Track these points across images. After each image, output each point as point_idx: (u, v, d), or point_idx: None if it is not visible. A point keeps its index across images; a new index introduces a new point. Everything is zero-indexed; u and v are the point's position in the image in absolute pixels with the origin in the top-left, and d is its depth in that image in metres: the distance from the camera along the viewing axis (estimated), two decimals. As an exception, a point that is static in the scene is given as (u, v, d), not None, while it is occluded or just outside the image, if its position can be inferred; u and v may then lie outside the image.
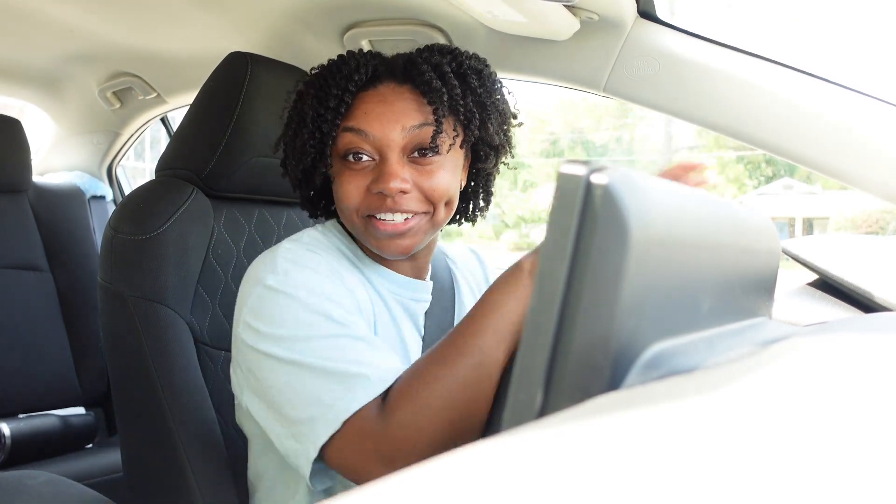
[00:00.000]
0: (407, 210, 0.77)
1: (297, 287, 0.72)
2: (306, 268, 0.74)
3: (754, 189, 15.43)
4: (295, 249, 0.77)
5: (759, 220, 0.47)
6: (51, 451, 1.59)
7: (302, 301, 0.71)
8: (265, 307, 0.72)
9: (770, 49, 0.98)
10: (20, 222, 1.76)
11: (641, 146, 17.56)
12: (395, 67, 0.80)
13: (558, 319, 0.28)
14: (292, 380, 0.68)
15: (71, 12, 1.37)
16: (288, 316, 0.70)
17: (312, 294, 0.72)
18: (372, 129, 0.77)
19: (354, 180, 0.78)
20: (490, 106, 0.81)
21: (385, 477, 0.19)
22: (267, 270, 0.75)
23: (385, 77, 0.80)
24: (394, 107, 0.77)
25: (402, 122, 0.77)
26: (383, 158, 0.77)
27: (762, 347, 0.38)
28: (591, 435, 0.21)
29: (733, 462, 0.19)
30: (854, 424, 0.23)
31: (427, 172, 0.78)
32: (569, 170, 0.29)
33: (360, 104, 0.78)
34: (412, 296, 0.86)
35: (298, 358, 0.68)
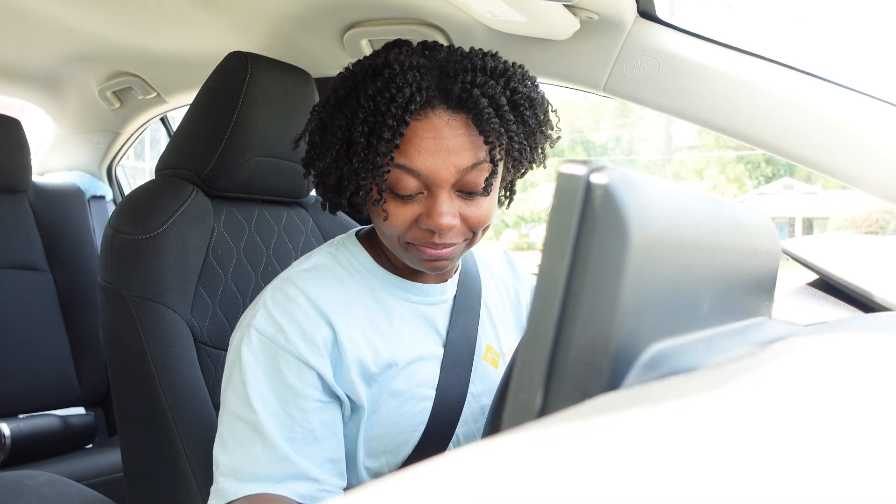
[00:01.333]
0: (451, 243, 0.77)
1: (250, 347, 0.76)
2: (273, 321, 0.76)
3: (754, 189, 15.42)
4: (280, 290, 0.79)
5: (759, 220, 0.47)
6: (51, 451, 1.59)
7: (244, 368, 0.75)
8: (231, 353, 0.78)
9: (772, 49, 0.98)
10: (20, 222, 1.76)
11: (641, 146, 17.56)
12: (449, 94, 0.73)
13: (558, 319, 0.28)
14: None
15: (71, 12, 1.37)
16: (231, 375, 0.76)
17: (259, 358, 0.75)
18: (425, 168, 0.73)
19: (401, 212, 0.75)
20: (539, 134, 0.80)
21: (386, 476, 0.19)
22: (251, 309, 0.80)
23: (437, 101, 0.73)
24: (448, 143, 0.73)
25: (455, 161, 0.73)
26: (433, 195, 0.74)
27: (762, 347, 0.38)
28: (591, 435, 0.21)
29: (733, 462, 0.19)
30: (854, 424, 0.23)
31: (475, 205, 0.77)
32: (568, 169, 0.29)
33: (414, 137, 0.73)
34: (429, 300, 0.86)
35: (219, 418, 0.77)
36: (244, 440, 0.73)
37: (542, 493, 0.17)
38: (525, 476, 0.18)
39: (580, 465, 0.19)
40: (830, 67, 17.92)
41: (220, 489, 0.72)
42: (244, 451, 0.72)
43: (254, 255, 1.09)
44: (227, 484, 0.72)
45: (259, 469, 0.71)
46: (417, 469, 0.19)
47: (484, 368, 0.88)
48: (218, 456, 0.74)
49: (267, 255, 1.11)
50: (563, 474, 0.18)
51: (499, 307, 0.95)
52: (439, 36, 1.19)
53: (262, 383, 0.74)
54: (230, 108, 1.03)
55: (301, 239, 1.17)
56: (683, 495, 0.17)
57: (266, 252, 1.11)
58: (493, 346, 0.90)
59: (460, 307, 0.88)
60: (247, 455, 0.72)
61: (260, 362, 0.75)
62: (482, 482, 0.18)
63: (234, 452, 0.73)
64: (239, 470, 0.72)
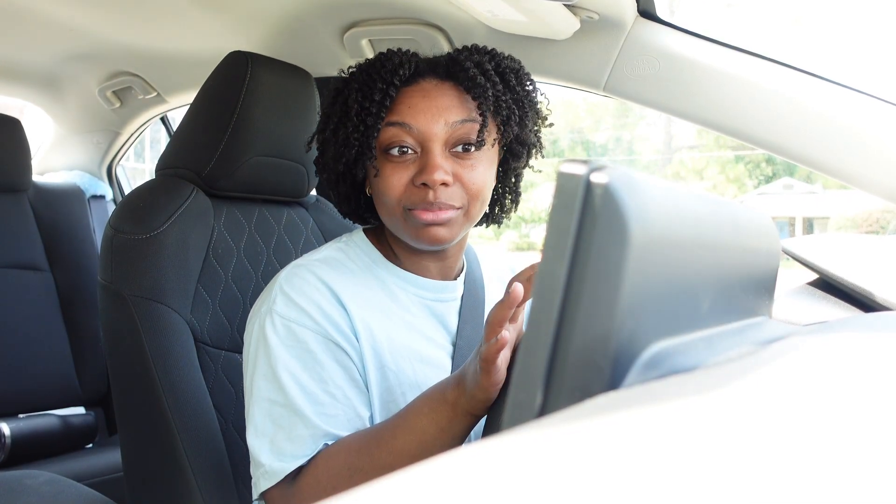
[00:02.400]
0: (447, 205, 0.79)
1: (275, 331, 0.77)
2: (293, 304, 0.77)
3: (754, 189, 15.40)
4: (295, 275, 0.80)
5: (759, 220, 0.47)
6: (51, 450, 1.59)
7: (271, 352, 0.76)
8: (251, 340, 0.79)
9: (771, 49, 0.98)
10: (20, 222, 1.76)
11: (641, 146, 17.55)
12: (437, 65, 0.82)
13: (558, 319, 0.28)
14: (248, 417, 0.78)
15: (71, 12, 1.37)
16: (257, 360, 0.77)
17: (285, 342, 0.76)
18: (416, 123, 0.78)
19: (397, 173, 0.79)
20: (527, 104, 0.84)
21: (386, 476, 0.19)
22: (265, 297, 0.80)
23: (427, 73, 0.81)
24: (437, 101, 0.79)
25: (445, 116, 0.79)
26: (426, 151, 0.79)
27: (762, 347, 0.38)
28: (591, 435, 0.21)
29: (733, 461, 0.19)
30: (854, 424, 0.23)
31: (468, 166, 0.80)
32: (569, 169, 0.29)
33: (404, 98, 0.80)
34: (438, 297, 0.87)
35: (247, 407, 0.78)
36: (284, 423, 0.74)
37: (543, 493, 0.17)
38: (525, 476, 0.18)
39: (580, 464, 0.19)
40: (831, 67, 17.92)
41: (270, 471, 0.73)
42: (287, 434, 0.74)
43: (254, 254, 1.09)
44: (279, 465, 0.73)
45: (304, 447, 0.74)
46: (418, 469, 0.19)
47: None
48: (255, 442, 0.75)
49: (267, 255, 1.11)
50: (563, 474, 0.18)
51: None
52: (439, 36, 1.19)
53: (294, 365, 0.75)
54: (230, 108, 1.03)
55: (301, 239, 1.17)
56: (684, 495, 0.17)
57: (266, 252, 1.11)
58: None
59: (468, 304, 0.89)
60: (290, 437, 0.74)
61: (288, 346, 0.76)
62: (482, 482, 0.18)
63: (277, 435, 0.74)
64: (283, 451, 0.73)
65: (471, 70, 0.79)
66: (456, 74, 0.81)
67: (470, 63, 0.80)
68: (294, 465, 0.73)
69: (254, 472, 0.76)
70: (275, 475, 0.73)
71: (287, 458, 0.73)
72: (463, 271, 0.92)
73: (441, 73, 0.81)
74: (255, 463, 0.75)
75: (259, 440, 0.75)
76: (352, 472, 0.71)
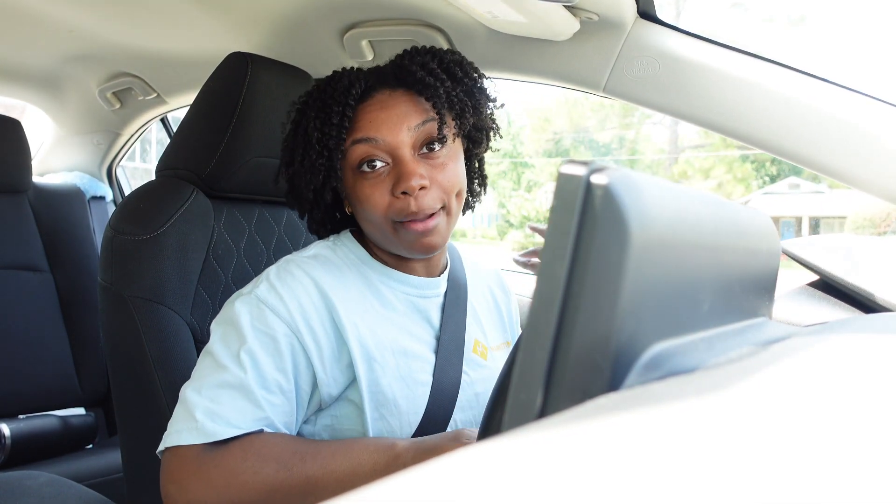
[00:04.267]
0: (431, 209, 0.80)
1: (248, 309, 0.78)
2: (275, 292, 0.79)
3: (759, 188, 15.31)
4: (287, 269, 0.82)
5: (759, 220, 0.47)
6: (51, 451, 1.59)
7: (241, 328, 0.77)
8: (225, 311, 0.81)
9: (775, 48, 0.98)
10: (20, 223, 1.76)
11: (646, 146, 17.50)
12: (385, 75, 0.84)
13: (558, 319, 0.28)
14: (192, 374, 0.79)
15: (71, 12, 1.37)
16: (225, 326, 0.78)
17: (257, 330, 0.77)
18: (381, 135, 0.80)
19: (377, 188, 0.81)
20: (477, 92, 0.86)
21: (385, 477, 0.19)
22: (252, 282, 0.82)
23: (378, 86, 0.83)
24: (396, 110, 0.81)
25: (406, 122, 0.81)
26: (397, 160, 0.80)
27: (762, 348, 0.38)
28: (591, 436, 0.21)
29: (734, 463, 0.19)
30: (855, 425, 0.23)
31: (439, 166, 0.82)
32: (569, 170, 0.29)
33: (363, 115, 0.81)
34: (423, 293, 0.89)
35: (197, 362, 0.79)
36: (230, 391, 0.74)
37: (543, 494, 0.17)
38: (525, 477, 0.18)
39: (580, 466, 0.19)
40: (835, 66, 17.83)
41: (201, 429, 0.73)
42: (230, 401, 0.74)
43: (254, 255, 1.09)
44: (212, 426, 0.73)
45: (243, 421, 0.74)
46: (418, 469, 0.19)
47: (474, 359, 0.91)
48: (194, 397, 0.75)
49: (267, 256, 1.11)
50: (564, 475, 0.18)
51: (483, 306, 0.99)
52: (439, 36, 1.19)
53: (257, 346, 0.76)
54: (230, 109, 1.03)
55: (301, 239, 1.17)
56: (684, 496, 0.17)
57: (266, 252, 1.11)
58: (480, 341, 0.94)
59: (451, 300, 0.91)
60: (233, 406, 0.74)
61: (256, 327, 0.77)
62: (483, 483, 0.18)
63: (221, 398, 0.74)
64: (222, 416, 0.73)
65: (418, 73, 0.81)
66: (405, 80, 0.83)
67: (415, 66, 0.82)
68: (230, 433, 0.73)
69: (177, 424, 0.74)
70: (205, 434, 0.72)
71: (221, 423, 0.73)
72: (447, 268, 0.94)
73: (391, 82, 0.84)
74: (186, 415, 0.74)
75: (199, 397, 0.74)
76: (279, 466, 0.71)
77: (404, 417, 0.81)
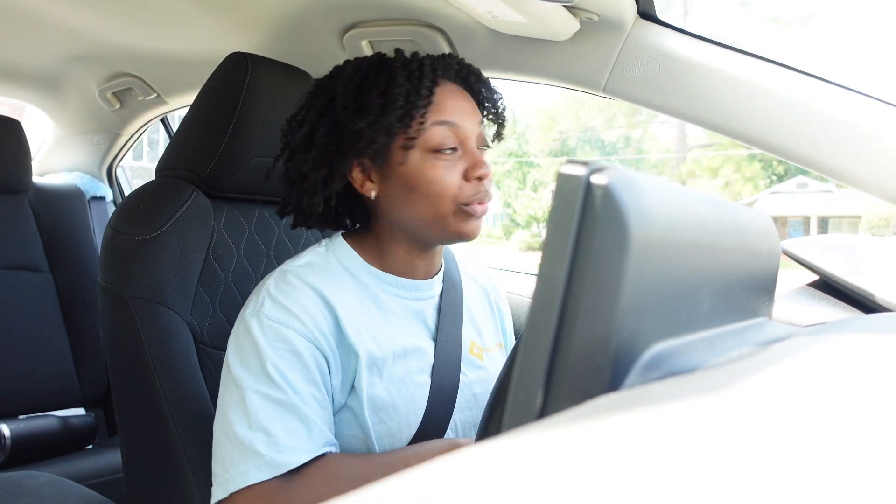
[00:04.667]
0: (489, 196, 0.85)
1: (265, 332, 0.77)
2: (285, 310, 0.78)
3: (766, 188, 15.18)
4: (285, 281, 0.81)
5: (759, 220, 0.47)
6: (51, 451, 1.59)
7: (260, 348, 0.76)
8: (240, 336, 0.79)
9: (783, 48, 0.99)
10: (20, 223, 1.76)
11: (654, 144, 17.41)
12: (448, 68, 0.87)
13: (558, 319, 0.28)
14: (220, 422, 0.77)
15: (71, 13, 1.37)
16: (245, 356, 0.77)
17: (275, 345, 0.76)
18: (462, 123, 0.83)
19: (450, 170, 0.82)
20: (502, 118, 0.93)
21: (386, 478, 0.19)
22: (256, 299, 0.81)
23: (443, 74, 0.86)
24: (469, 103, 0.86)
25: (476, 116, 0.85)
26: (468, 149, 0.83)
27: (762, 348, 0.38)
28: (592, 436, 0.21)
29: (734, 463, 0.19)
30: (855, 425, 0.23)
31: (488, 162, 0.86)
32: (569, 170, 0.29)
33: (443, 98, 0.83)
34: (417, 296, 0.89)
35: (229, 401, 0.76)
36: (279, 416, 0.74)
37: (543, 494, 0.17)
38: (525, 477, 0.18)
39: (580, 466, 0.19)
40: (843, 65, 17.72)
41: (270, 462, 0.72)
42: (284, 427, 0.73)
43: (254, 255, 1.09)
44: (281, 457, 0.72)
45: (305, 443, 0.74)
46: (418, 469, 0.19)
47: (471, 360, 0.91)
48: (249, 434, 0.73)
49: (267, 256, 1.11)
50: (564, 475, 0.18)
51: (478, 307, 0.99)
52: (439, 36, 1.19)
53: (283, 365, 0.75)
54: (230, 109, 1.03)
55: (301, 240, 1.17)
56: (684, 496, 0.17)
57: (266, 253, 1.11)
58: (476, 342, 0.94)
59: (448, 301, 0.92)
60: (288, 430, 0.73)
61: (276, 347, 0.76)
62: (483, 483, 0.18)
63: (274, 428, 0.73)
64: (284, 444, 0.73)
65: (480, 76, 0.87)
66: (467, 80, 0.87)
67: (473, 73, 0.88)
68: (301, 459, 0.72)
69: (239, 465, 0.73)
70: (277, 467, 0.72)
71: (288, 451, 0.72)
72: (441, 269, 0.94)
73: (453, 76, 0.86)
74: (246, 453, 0.73)
75: (250, 431, 0.73)
76: (364, 483, 0.70)
77: (403, 419, 0.81)
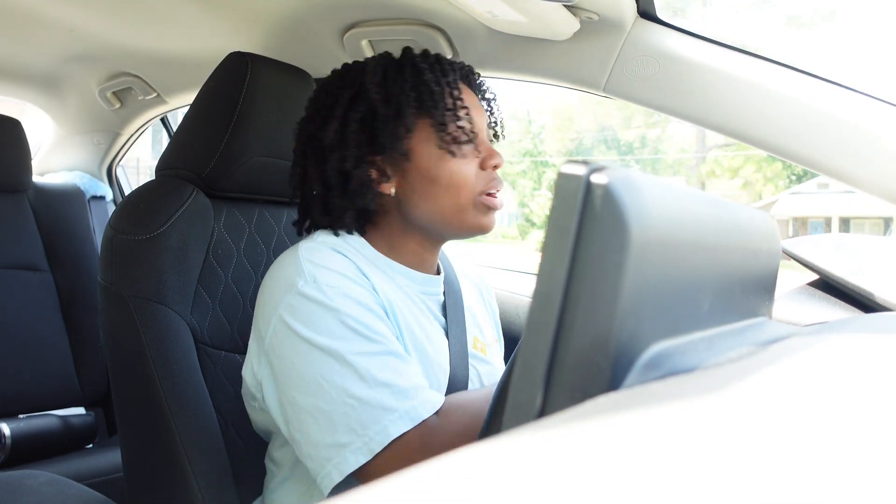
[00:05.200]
0: (502, 183, 0.88)
1: (329, 295, 0.73)
2: (333, 272, 0.75)
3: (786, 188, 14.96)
4: (317, 250, 0.78)
5: (759, 220, 0.47)
6: (51, 451, 1.59)
7: (335, 311, 0.72)
8: (301, 313, 0.73)
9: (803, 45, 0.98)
10: (20, 222, 1.76)
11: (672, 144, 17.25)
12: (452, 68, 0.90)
13: (558, 319, 0.28)
14: (318, 400, 0.70)
15: (71, 12, 1.37)
16: (322, 326, 0.71)
17: (345, 302, 0.73)
18: (475, 117, 0.87)
19: (464, 165, 0.85)
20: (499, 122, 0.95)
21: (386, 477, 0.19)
22: (295, 274, 0.75)
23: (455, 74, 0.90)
24: (476, 98, 0.90)
25: (483, 111, 0.90)
26: (481, 142, 0.87)
27: (762, 348, 0.38)
28: (591, 435, 0.21)
29: (734, 462, 0.19)
30: (855, 424, 0.23)
31: None
32: (569, 170, 0.29)
33: (464, 95, 0.87)
34: (427, 290, 0.90)
35: (330, 373, 0.70)
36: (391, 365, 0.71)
37: (543, 494, 0.17)
38: (525, 477, 0.18)
39: (580, 465, 0.19)
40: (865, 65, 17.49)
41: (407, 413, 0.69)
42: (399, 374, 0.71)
43: (254, 255, 1.09)
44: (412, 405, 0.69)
45: (422, 385, 0.72)
46: (418, 469, 0.19)
47: (476, 355, 0.93)
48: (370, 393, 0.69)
49: (267, 256, 1.11)
50: (563, 475, 0.18)
51: (476, 304, 1.01)
52: (439, 36, 1.19)
53: (365, 319, 0.73)
54: (230, 109, 1.03)
55: (301, 240, 1.17)
56: (684, 496, 0.17)
57: (266, 252, 1.11)
58: (478, 338, 0.95)
59: (450, 296, 0.93)
60: (403, 375, 0.71)
61: (349, 305, 0.73)
62: (483, 482, 0.18)
63: (394, 379, 0.70)
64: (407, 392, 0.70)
65: (479, 79, 0.91)
66: (470, 80, 0.91)
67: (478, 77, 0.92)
68: (432, 401, 0.70)
69: (374, 425, 0.68)
70: (413, 417, 0.68)
71: (416, 397, 0.69)
72: (440, 270, 0.95)
73: (460, 77, 0.89)
74: (381, 411, 0.68)
75: (375, 390, 0.69)
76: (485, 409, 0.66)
77: None
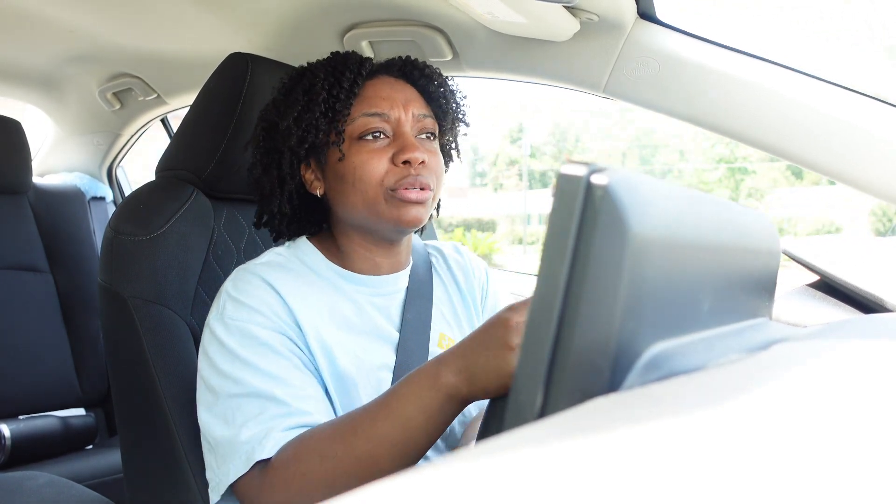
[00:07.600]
0: (425, 183, 0.83)
1: (229, 329, 0.78)
2: (243, 305, 0.79)
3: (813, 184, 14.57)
4: (241, 279, 0.82)
5: (759, 221, 0.47)
6: (51, 452, 1.59)
7: (228, 350, 0.77)
8: (206, 340, 0.80)
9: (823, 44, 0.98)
10: (20, 223, 1.76)
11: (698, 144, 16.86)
12: (392, 66, 0.90)
13: (558, 319, 0.28)
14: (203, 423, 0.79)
15: (71, 13, 1.37)
16: (217, 358, 0.77)
17: (240, 341, 0.77)
18: (390, 111, 0.84)
19: (376, 155, 0.83)
20: (460, 112, 0.93)
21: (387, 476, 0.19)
22: (218, 300, 0.82)
23: (383, 72, 0.89)
24: (404, 94, 0.86)
25: (411, 107, 0.86)
26: (400, 134, 0.84)
27: (762, 349, 0.38)
28: (591, 436, 0.21)
29: (733, 464, 0.19)
30: (855, 425, 0.23)
31: (433, 152, 0.86)
32: (569, 170, 0.29)
33: (373, 90, 0.86)
34: (378, 291, 0.89)
35: (208, 405, 0.78)
36: (253, 409, 0.74)
37: (542, 494, 0.17)
38: (525, 477, 0.18)
39: (580, 466, 0.19)
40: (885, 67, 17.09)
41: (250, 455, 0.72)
42: (256, 420, 0.73)
43: (254, 255, 1.09)
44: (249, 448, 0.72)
45: (272, 427, 0.73)
46: (418, 469, 0.19)
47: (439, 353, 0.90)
48: (226, 432, 0.74)
49: (267, 256, 1.11)
50: (563, 476, 0.18)
51: (456, 298, 0.98)
52: (439, 37, 1.19)
53: (256, 359, 0.76)
54: (231, 110, 1.03)
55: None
56: (683, 497, 0.17)
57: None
58: (446, 334, 0.93)
59: (414, 293, 0.91)
60: (258, 419, 0.73)
61: (245, 345, 0.76)
62: (483, 482, 0.18)
63: (248, 423, 0.73)
64: (250, 438, 0.72)
65: (426, 71, 0.89)
66: (412, 76, 0.89)
67: (423, 70, 0.89)
68: (269, 446, 0.71)
69: (222, 465, 0.74)
70: (251, 458, 0.72)
71: (256, 443, 0.72)
72: (409, 265, 0.94)
73: (395, 72, 0.89)
74: (232, 451, 0.73)
75: (230, 431, 0.74)
76: (323, 459, 0.68)
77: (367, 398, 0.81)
